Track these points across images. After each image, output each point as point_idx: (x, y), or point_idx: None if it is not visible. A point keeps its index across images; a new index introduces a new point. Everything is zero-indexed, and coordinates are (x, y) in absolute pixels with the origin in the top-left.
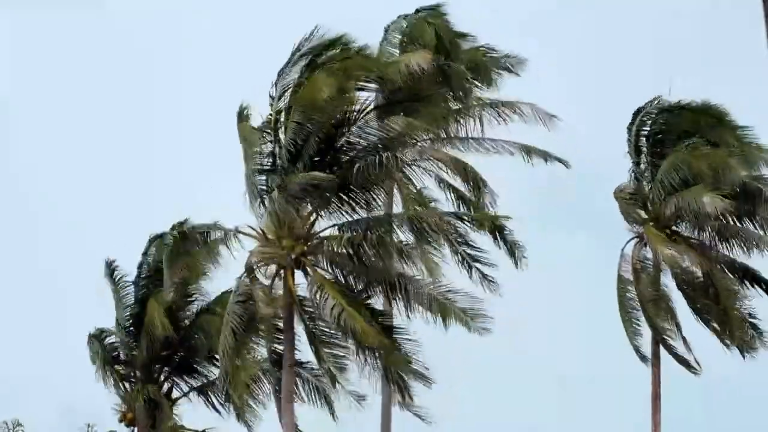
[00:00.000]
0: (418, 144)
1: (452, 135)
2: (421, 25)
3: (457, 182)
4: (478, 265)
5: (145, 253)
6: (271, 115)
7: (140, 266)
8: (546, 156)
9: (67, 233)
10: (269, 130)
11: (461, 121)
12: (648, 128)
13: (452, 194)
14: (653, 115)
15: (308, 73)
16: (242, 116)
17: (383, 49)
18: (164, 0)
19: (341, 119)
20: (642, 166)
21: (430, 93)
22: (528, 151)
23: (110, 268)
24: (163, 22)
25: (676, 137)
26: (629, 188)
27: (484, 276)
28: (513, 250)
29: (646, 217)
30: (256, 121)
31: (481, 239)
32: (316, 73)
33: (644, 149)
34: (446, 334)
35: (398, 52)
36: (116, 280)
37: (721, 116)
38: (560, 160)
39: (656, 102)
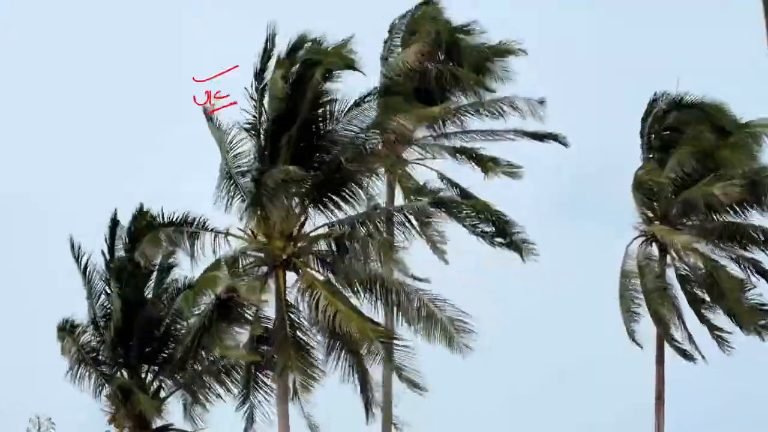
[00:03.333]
0: (422, 140)
1: (455, 131)
2: (419, 22)
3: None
4: (499, 239)
5: (111, 240)
6: (254, 116)
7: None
8: (546, 136)
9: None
10: (252, 130)
11: (463, 118)
12: (657, 125)
13: (455, 190)
14: (662, 113)
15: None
16: (212, 119)
17: (389, 48)
18: None
19: (316, 115)
20: (653, 161)
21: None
22: (528, 135)
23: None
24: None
25: (680, 134)
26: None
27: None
28: (518, 245)
29: (652, 215)
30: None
31: None
32: (275, 72)
33: (654, 144)
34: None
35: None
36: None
37: (724, 112)
38: (559, 139)
39: (664, 98)
